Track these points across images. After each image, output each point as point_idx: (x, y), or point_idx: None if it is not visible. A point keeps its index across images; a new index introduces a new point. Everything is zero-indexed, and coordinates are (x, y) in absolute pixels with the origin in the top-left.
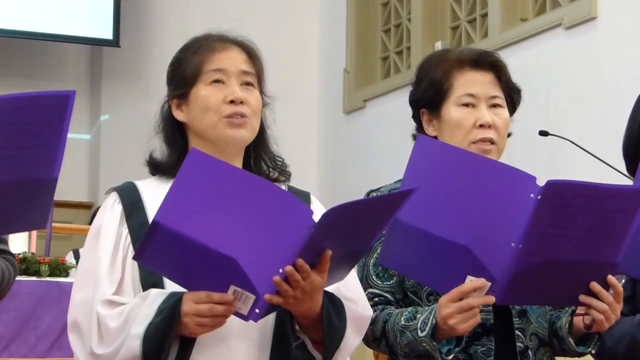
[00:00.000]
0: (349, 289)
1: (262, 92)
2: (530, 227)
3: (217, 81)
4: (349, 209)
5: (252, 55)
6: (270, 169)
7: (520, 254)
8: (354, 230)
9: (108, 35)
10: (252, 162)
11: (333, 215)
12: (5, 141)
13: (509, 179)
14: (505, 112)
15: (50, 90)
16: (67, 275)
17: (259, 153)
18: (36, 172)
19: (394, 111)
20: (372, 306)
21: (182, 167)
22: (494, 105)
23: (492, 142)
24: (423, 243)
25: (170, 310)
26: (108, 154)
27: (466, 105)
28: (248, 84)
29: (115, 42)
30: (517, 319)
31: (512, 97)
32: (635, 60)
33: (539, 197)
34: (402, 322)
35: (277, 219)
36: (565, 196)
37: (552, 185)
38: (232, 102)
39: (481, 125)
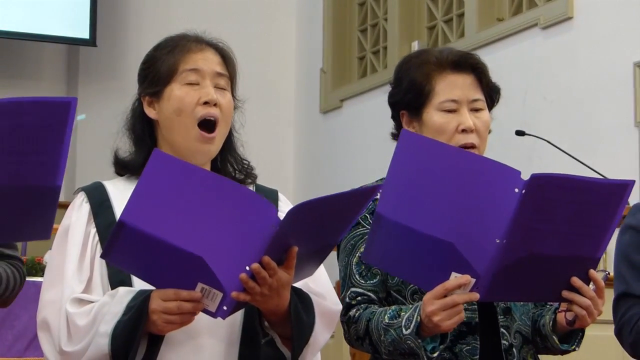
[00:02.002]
0: (318, 284)
1: (233, 95)
2: (514, 221)
3: (191, 82)
4: (314, 206)
5: (226, 58)
6: (237, 172)
7: (504, 249)
8: (320, 226)
9: (85, 34)
10: (219, 164)
11: (299, 212)
12: (4, 146)
13: (494, 174)
14: (485, 114)
15: (26, 89)
16: (43, 274)
17: (225, 156)
18: (37, 179)
19: (371, 111)
20: (354, 305)
21: (146, 167)
22: (475, 109)
23: (473, 146)
24: (407, 240)
25: (139, 308)
26: (84, 153)
27: (448, 110)
28: (221, 86)
29: (91, 42)
30: (502, 317)
31: (492, 96)
32: (611, 60)
33: (523, 191)
34: (386, 320)
35: (242, 217)
36: (549, 190)
37: (536, 178)
38: (205, 103)
39: (463, 130)
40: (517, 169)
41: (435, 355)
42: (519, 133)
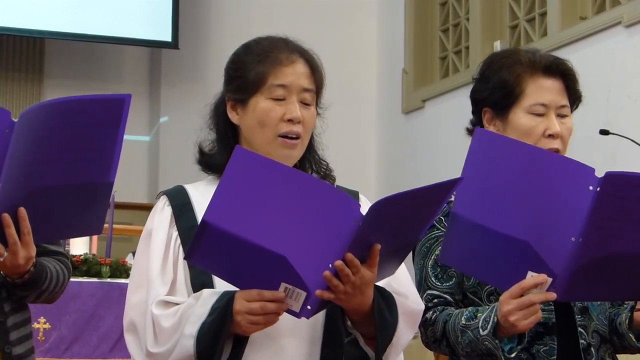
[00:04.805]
0: (400, 283)
1: (318, 104)
2: (590, 220)
3: (278, 97)
4: (395, 201)
5: (315, 69)
6: (315, 173)
7: (581, 248)
8: (401, 222)
9: (167, 37)
10: (297, 164)
11: (380, 207)
12: (60, 144)
13: (567, 171)
14: (570, 120)
15: (109, 92)
16: (128, 276)
17: (304, 157)
18: (91, 176)
19: (453, 111)
20: (431, 307)
21: (228, 165)
22: (561, 115)
23: (557, 151)
24: (483, 239)
25: (223, 309)
26: (167, 155)
27: (537, 114)
28: (307, 101)
29: (174, 44)
30: (579, 316)
31: (574, 103)
32: None
33: (598, 189)
34: (463, 322)
35: (325, 214)
36: (624, 188)
37: (611, 177)
38: (289, 120)
39: (550, 135)
40: (590, 167)
41: (512, 355)
42: (603, 132)
